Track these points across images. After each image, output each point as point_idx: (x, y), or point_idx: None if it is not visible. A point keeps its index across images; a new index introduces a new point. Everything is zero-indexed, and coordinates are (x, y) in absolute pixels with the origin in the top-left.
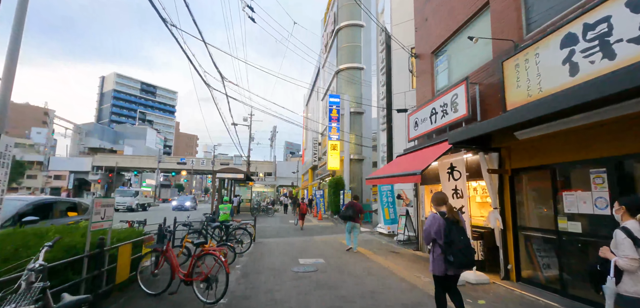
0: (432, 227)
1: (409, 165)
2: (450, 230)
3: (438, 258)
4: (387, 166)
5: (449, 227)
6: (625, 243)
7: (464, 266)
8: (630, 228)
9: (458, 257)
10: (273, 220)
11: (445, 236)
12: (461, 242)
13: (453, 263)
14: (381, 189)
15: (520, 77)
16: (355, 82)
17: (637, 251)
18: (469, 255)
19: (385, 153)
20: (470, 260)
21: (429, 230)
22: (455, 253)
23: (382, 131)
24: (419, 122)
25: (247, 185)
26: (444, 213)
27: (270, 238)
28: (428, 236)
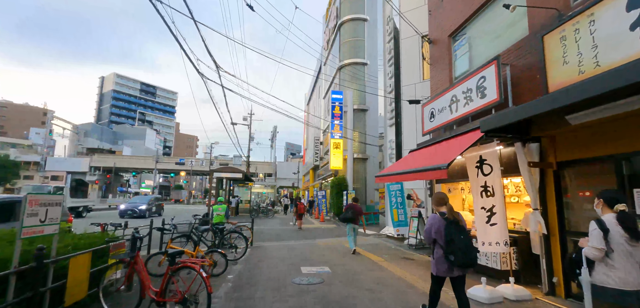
0: (433, 227)
1: (427, 160)
2: (450, 230)
3: (439, 259)
4: (399, 162)
5: (449, 226)
6: (594, 234)
7: (466, 265)
8: (603, 221)
9: (459, 256)
10: (273, 222)
11: (445, 236)
12: (461, 241)
13: (454, 262)
14: (389, 189)
15: (568, 51)
16: (359, 78)
17: (606, 242)
18: (470, 254)
19: (394, 150)
20: (471, 259)
21: (429, 230)
22: (455, 252)
23: (390, 127)
24: (436, 112)
25: (246, 185)
26: (444, 214)
27: (269, 242)
28: (429, 236)
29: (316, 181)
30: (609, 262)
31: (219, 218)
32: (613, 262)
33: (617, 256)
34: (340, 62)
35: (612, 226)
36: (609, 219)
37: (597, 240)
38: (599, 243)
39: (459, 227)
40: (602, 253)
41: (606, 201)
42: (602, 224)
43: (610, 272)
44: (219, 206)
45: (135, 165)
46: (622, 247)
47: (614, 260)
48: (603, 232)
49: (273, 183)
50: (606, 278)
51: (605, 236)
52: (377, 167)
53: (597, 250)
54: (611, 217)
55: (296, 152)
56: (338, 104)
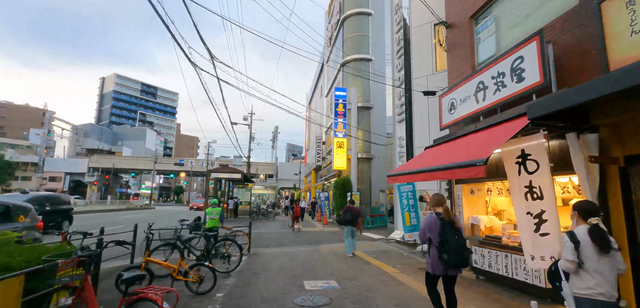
0: (427, 226)
1: (452, 156)
2: (445, 230)
3: (435, 259)
4: (414, 160)
5: (444, 226)
6: (566, 246)
7: (459, 265)
8: (575, 233)
9: (452, 255)
10: (273, 224)
11: (439, 236)
12: (455, 241)
13: (447, 261)
14: (400, 190)
15: (638, 18)
16: (363, 74)
17: (576, 254)
18: (463, 254)
19: (404, 148)
20: (464, 259)
21: (424, 229)
22: (449, 251)
23: (399, 123)
24: (457, 103)
25: (246, 186)
26: (440, 214)
27: (269, 248)
28: (423, 235)
29: (318, 182)
30: (582, 274)
31: (212, 222)
32: (586, 274)
33: (591, 267)
34: (344, 58)
35: (584, 238)
36: (581, 231)
37: (569, 253)
38: (570, 256)
39: (454, 228)
40: (574, 266)
41: (580, 213)
42: (574, 236)
43: (584, 283)
44: (213, 209)
45: (134, 165)
46: (593, 259)
47: (588, 271)
48: (574, 244)
49: (274, 185)
50: (580, 289)
51: (576, 248)
52: (383, 167)
53: (569, 262)
54: (584, 229)
55: (297, 153)
56: (341, 101)
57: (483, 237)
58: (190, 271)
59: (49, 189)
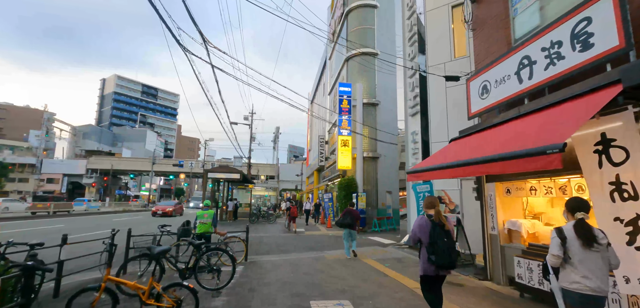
0: (419, 228)
1: (487, 147)
2: (435, 232)
3: (425, 259)
4: (440, 154)
5: (434, 228)
6: (553, 242)
7: (446, 266)
8: (563, 228)
9: (440, 257)
10: (274, 228)
11: (429, 237)
12: (444, 243)
13: (435, 262)
14: (416, 190)
15: None
16: (369, 69)
17: (562, 249)
18: (451, 256)
19: (418, 143)
20: (452, 260)
21: (415, 231)
22: (437, 253)
23: (412, 116)
24: (491, 86)
25: (246, 188)
26: (431, 216)
27: (268, 255)
28: (414, 237)
29: (321, 183)
30: (569, 268)
31: (203, 227)
32: (573, 268)
33: (576, 262)
34: (348, 53)
35: (571, 233)
36: (569, 227)
37: (555, 248)
38: (556, 251)
39: (444, 230)
40: (559, 260)
41: (569, 209)
42: (561, 232)
43: (571, 277)
44: (205, 212)
45: (133, 167)
46: (579, 254)
47: (574, 266)
48: (561, 240)
49: (275, 186)
50: (567, 284)
51: (563, 243)
52: (390, 166)
53: (554, 257)
54: (571, 224)
55: (299, 154)
56: (346, 97)
57: (526, 246)
58: (165, 293)
59: (46, 191)
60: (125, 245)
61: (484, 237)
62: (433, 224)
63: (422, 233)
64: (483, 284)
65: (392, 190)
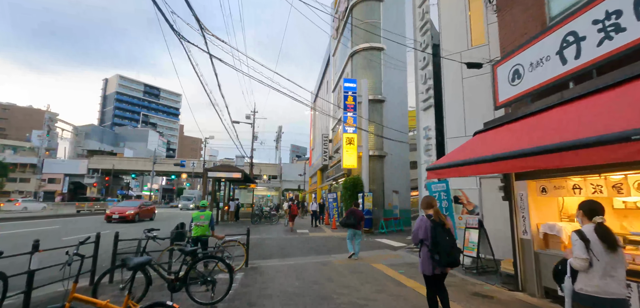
0: (420, 228)
1: (524, 139)
2: (436, 231)
3: (426, 259)
4: (465, 147)
5: (435, 228)
6: (577, 245)
7: (449, 264)
8: (584, 231)
9: (443, 256)
10: (277, 229)
11: (431, 237)
12: (446, 242)
13: (439, 261)
14: (431, 190)
15: None
16: (374, 65)
17: (588, 252)
18: (454, 254)
19: (432, 139)
20: (454, 258)
21: (417, 231)
22: (440, 252)
23: (425, 110)
24: (525, 70)
25: (248, 187)
26: (431, 216)
27: (271, 259)
28: (416, 237)
29: (325, 183)
30: (589, 270)
31: (200, 230)
32: (593, 271)
33: (597, 265)
34: (353, 48)
35: (593, 236)
36: (589, 230)
37: (582, 251)
38: (584, 254)
39: (445, 229)
40: (587, 263)
41: (585, 212)
42: (583, 235)
43: (590, 280)
44: (201, 213)
45: (134, 167)
46: (601, 257)
47: (594, 269)
48: (584, 242)
49: (278, 186)
50: (586, 286)
51: (586, 246)
52: (396, 165)
53: (581, 260)
54: (590, 227)
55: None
56: (351, 93)
57: None
58: None
59: (47, 191)
60: (113, 251)
61: (513, 242)
62: (434, 224)
63: (424, 235)
64: (515, 296)
65: (399, 190)
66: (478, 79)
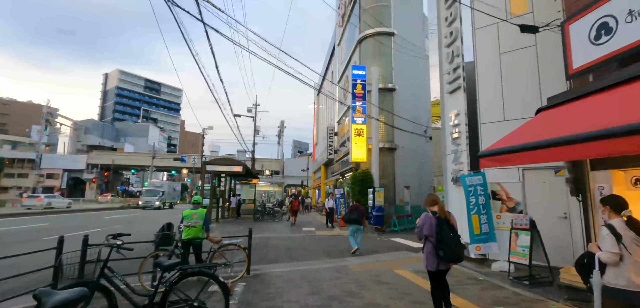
0: (425, 225)
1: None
2: (441, 228)
3: (430, 254)
4: (526, 128)
5: (440, 224)
6: (607, 239)
7: (453, 260)
8: (614, 225)
9: (448, 252)
10: (281, 226)
11: (436, 233)
12: (451, 239)
13: (443, 257)
14: (466, 184)
15: None
16: (385, 52)
17: (619, 246)
18: (459, 250)
19: (461, 124)
20: (459, 254)
21: (421, 228)
22: (445, 248)
23: (451, 93)
24: (619, 21)
25: (250, 183)
26: (436, 213)
27: (277, 264)
28: (420, 233)
29: (329, 178)
30: (619, 265)
31: (191, 232)
32: (623, 264)
33: (627, 259)
34: (361, 34)
35: (623, 230)
36: (619, 224)
37: (612, 245)
38: (614, 248)
39: (449, 225)
40: (618, 257)
41: (613, 207)
42: (614, 229)
43: (620, 273)
44: (194, 211)
45: (134, 162)
46: (631, 250)
47: (624, 262)
48: (615, 237)
49: (280, 181)
50: (616, 280)
51: (618, 240)
52: (407, 158)
53: (613, 254)
54: (620, 221)
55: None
56: (360, 81)
57: None
58: None
59: (46, 187)
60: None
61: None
62: (439, 220)
63: (428, 231)
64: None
65: (410, 185)
66: (519, 54)
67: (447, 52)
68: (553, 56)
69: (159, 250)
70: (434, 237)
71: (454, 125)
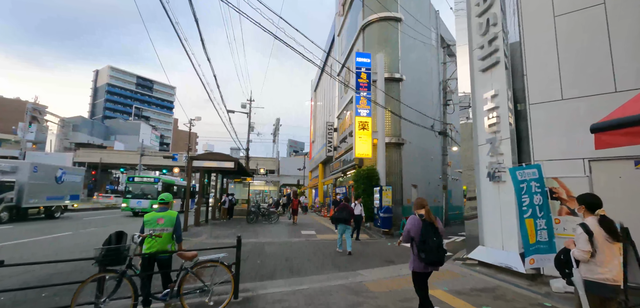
0: (412, 227)
1: None
2: (426, 231)
3: (415, 257)
4: None
5: (425, 227)
6: (582, 238)
7: (435, 263)
8: (588, 224)
9: (429, 254)
10: (278, 229)
11: (420, 235)
12: (434, 242)
13: (425, 259)
14: (516, 178)
15: None
16: (390, 39)
17: (590, 243)
18: (440, 254)
19: (496, 106)
20: (440, 258)
21: (408, 230)
22: (427, 251)
23: (483, 72)
24: None
25: (243, 181)
26: (422, 216)
27: (274, 281)
28: (407, 235)
29: (328, 177)
30: (595, 261)
31: (157, 244)
32: (599, 261)
33: (602, 255)
34: (365, 19)
35: (595, 228)
36: (592, 222)
37: (585, 244)
38: (586, 246)
39: (434, 229)
40: (588, 255)
41: (588, 206)
42: (587, 228)
43: (596, 269)
44: (160, 215)
45: (124, 160)
46: (605, 247)
47: (600, 259)
48: (588, 235)
49: (276, 180)
50: (592, 275)
51: (590, 238)
52: (416, 155)
53: (584, 252)
54: (593, 220)
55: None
56: (365, 69)
57: None
58: None
59: None
60: None
61: None
62: (424, 223)
63: (415, 234)
64: None
65: (418, 184)
66: (582, 14)
67: (479, 23)
68: (632, 17)
69: (105, 271)
70: (418, 239)
71: (490, 109)
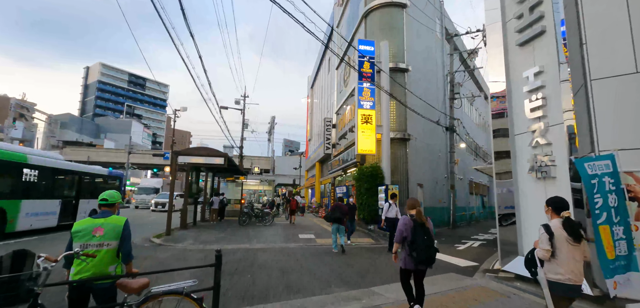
0: (404, 228)
1: None
2: (416, 231)
3: (406, 255)
4: None
5: (416, 227)
6: (543, 238)
7: (425, 262)
8: (550, 225)
9: (420, 254)
10: (273, 233)
11: (411, 235)
12: (424, 241)
13: (415, 258)
14: (586, 172)
15: None
16: (395, 27)
17: (550, 243)
18: (430, 253)
19: (542, 88)
20: (430, 257)
21: (401, 231)
22: (417, 250)
23: (524, 45)
24: None
25: (236, 180)
26: (413, 216)
27: (265, 305)
28: (400, 235)
29: (326, 176)
30: (556, 261)
31: (92, 266)
32: (559, 261)
33: (563, 256)
34: (367, 6)
35: (558, 230)
36: (555, 224)
37: (546, 243)
38: (546, 245)
39: (425, 229)
40: (549, 254)
41: (554, 209)
42: (549, 228)
43: (558, 269)
44: (99, 222)
45: (113, 159)
46: (566, 248)
47: (560, 259)
48: (549, 235)
49: (271, 179)
50: (555, 275)
51: (550, 239)
52: (423, 151)
53: (544, 251)
54: (557, 222)
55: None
56: (368, 58)
57: None
58: None
59: None
60: None
61: None
62: (415, 223)
63: (407, 234)
64: None
65: (424, 184)
66: None
67: None
68: None
69: None
70: (409, 239)
71: (532, 89)
